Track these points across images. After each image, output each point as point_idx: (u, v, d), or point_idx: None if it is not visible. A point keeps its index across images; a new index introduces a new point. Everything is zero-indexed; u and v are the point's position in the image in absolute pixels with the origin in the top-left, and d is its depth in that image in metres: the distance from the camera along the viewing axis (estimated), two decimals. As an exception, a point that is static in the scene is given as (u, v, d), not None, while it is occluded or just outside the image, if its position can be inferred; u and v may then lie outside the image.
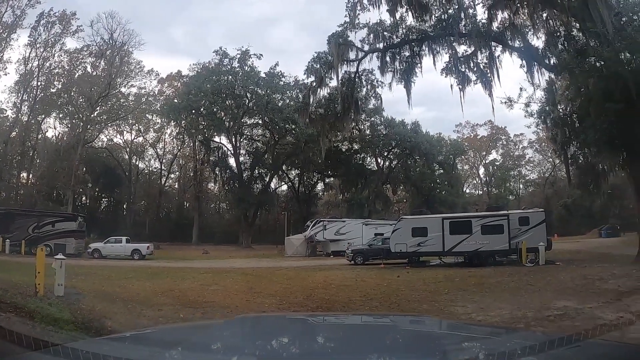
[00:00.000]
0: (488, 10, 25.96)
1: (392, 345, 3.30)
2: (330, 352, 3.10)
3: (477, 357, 2.86)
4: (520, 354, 2.62)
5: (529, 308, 11.32)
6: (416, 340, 3.54)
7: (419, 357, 3.00)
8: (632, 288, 13.83)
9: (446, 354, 2.93)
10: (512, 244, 25.09)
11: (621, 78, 17.65)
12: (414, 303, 12.54)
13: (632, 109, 18.53)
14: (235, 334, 3.66)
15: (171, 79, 68.55)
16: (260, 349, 3.12)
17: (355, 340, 3.51)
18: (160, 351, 2.87)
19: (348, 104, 28.68)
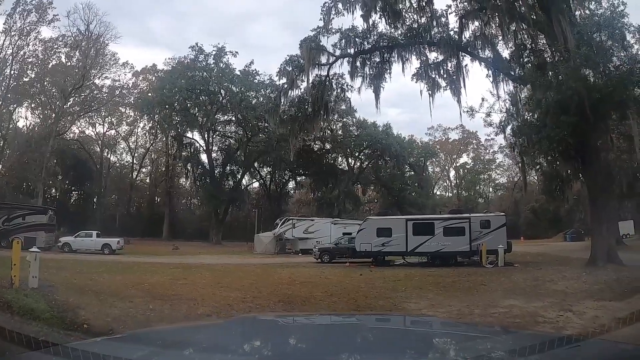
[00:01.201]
0: (460, 19, 26.74)
1: (393, 345, 3.30)
2: (330, 352, 3.07)
3: (477, 357, 2.86)
4: (520, 354, 2.64)
5: (477, 306, 12.18)
6: (416, 340, 3.57)
7: (419, 357, 3.06)
8: (577, 290, 14.84)
9: (446, 354, 3.08)
10: (473, 246, 26.19)
11: (576, 93, 18.75)
12: (371, 299, 13.28)
13: (586, 122, 19.68)
14: (235, 334, 3.72)
15: (146, 72, 67.96)
16: (260, 349, 3.17)
17: (356, 340, 3.55)
18: (160, 351, 2.90)
19: (318, 106, 29.29)
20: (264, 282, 17.00)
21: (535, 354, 2.59)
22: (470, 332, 4.04)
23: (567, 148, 21.39)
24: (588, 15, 22.82)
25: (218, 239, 56.97)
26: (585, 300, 12.73)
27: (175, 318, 9.44)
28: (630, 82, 18.56)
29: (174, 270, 20.22)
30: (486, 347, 3.06)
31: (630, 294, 13.35)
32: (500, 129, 25.68)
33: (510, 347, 2.91)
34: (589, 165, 21.83)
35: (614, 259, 21.02)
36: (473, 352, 2.99)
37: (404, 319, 5.71)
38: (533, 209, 71.57)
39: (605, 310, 11.11)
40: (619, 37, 20.62)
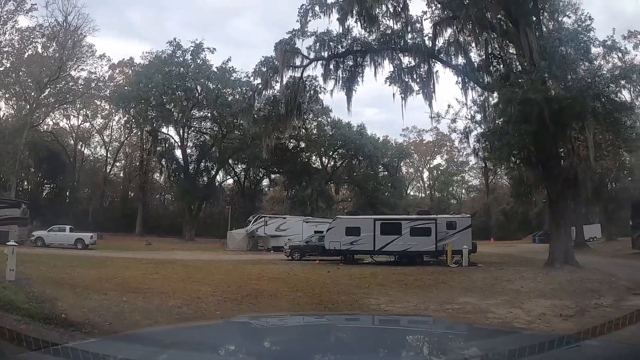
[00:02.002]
0: (434, 26, 27.38)
1: (393, 345, 3.33)
2: (330, 352, 3.08)
3: (477, 357, 2.91)
4: (520, 354, 2.63)
5: (433, 302, 12.96)
6: (416, 340, 3.59)
7: (419, 357, 3.09)
8: (531, 289, 15.68)
9: (446, 354, 3.08)
10: (439, 246, 27.11)
11: (537, 104, 19.72)
12: (334, 295, 13.97)
13: (546, 131, 20.71)
14: (235, 334, 3.74)
15: (123, 65, 67.44)
16: (260, 349, 3.14)
17: (355, 340, 3.55)
18: (160, 351, 2.91)
19: (291, 107, 29.70)
20: (234, 277, 17.59)
21: (535, 354, 2.59)
22: (470, 332, 4.09)
23: (529, 155, 22.46)
24: (556, 28, 23.86)
25: (191, 235, 57.03)
26: (536, 298, 13.55)
27: (147, 310, 9.91)
28: (588, 95, 19.48)
29: (147, 266, 20.64)
30: (486, 347, 3.02)
31: (579, 293, 14.38)
32: (464, 135, 26.57)
33: (510, 347, 2.84)
34: (549, 172, 22.82)
35: (570, 260, 22.07)
36: (473, 352, 3.05)
37: (404, 319, 5.66)
38: (504, 211, 73.02)
39: (552, 308, 11.90)
40: (584, 51, 21.67)
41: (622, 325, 4.01)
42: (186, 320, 9.22)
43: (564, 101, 19.61)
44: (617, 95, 21.72)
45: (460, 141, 28.70)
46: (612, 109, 20.91)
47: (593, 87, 19.72)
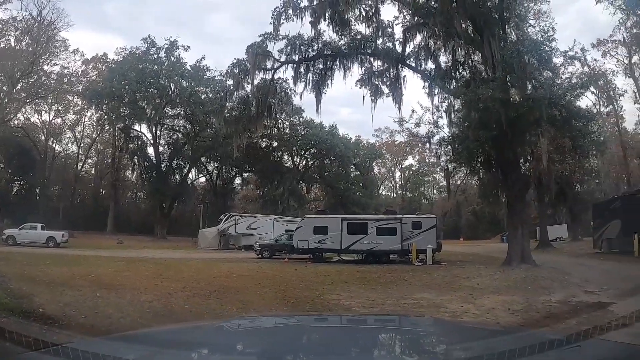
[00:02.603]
0: (404, 32, 28.09)
1: (393, 345, 3.38)
2: (330, 352, 3.09)
3: (477, 357, 2.88)
4: (520, 354, 2.64)
5: (391, 297, 13.74)
6: (416, 340, 3.60)
7: (419, 357, 3.10)
8: (486, 286, 16.48)
9: (446, 354, 3.11)
10: (405, 245, 27.92)
11: (495, 111, 20.74)
12: (298, 290, 14.67)
13: (504, 137, 21.79)
14: (235, 334, 3.77)
15: (96, 60, 66.40)
16: (259, 349, 3.16)
17: (356, 340, 3.55)
18: (160, 351, 2.93)
19: (262, 108, 30.30)
20: (204, 275, 18.12)
21: (535, 354, 2.61)
22: (470, 332, 4.11)
23: (489, 159, 23.56)
24: (521, 38, 24.83)
25: (163, 234, 56.99)
26: (489, 295, 14.29)
27: (120, 304, 10.44)
28: (544, 103, 20.39)
29: (119, 264, 20.94)
30: (486, 347, 2.99)
31: (530, 290, 15.28)
32: (427, 139, 27.54)
33: (510, 347, 2.83)
34: (507, 176, 23.84)
35: (527, 259, 23.06)
36: (473, 352, 3.05)
37: (404, 319, 5.64)
38: (474, 211, 74.61)
39: (502, 303, 12.61)
40: (545, 60, 22.76)
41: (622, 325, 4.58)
42: (156, 314, 9.75)
43: (520, 109, 20.63)
44: (575, 103, 22.90)
45: (423, 145, 29.65)
46: (568, 116, 22.05)
47: (549, 96, 20.61)
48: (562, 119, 21.97)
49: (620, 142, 54.12)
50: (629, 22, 31.27)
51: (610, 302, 12.09)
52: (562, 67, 24.12)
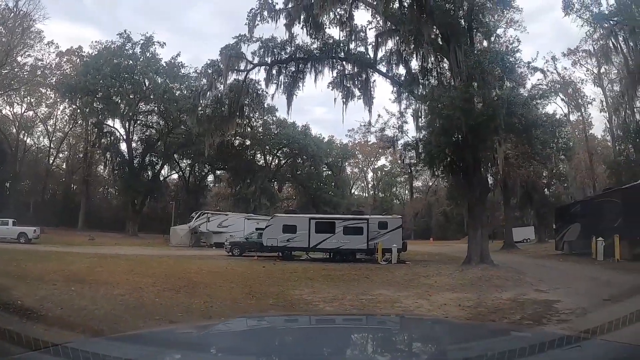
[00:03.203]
0: (376, 37, 28.79)
1: (393, 345, 3.36)
2: (330, 352, 3.11)
3: (477, 357, 2.87)
4: (520, 354, 2.64)
5: (351, 293, 14.36)
6: (416, 340, 3.60)
7: (419, 357, 3.12)
8: (443, 284, 17.29)
9: (446, 354, 3.06)
10: (371, 244, 28.84)
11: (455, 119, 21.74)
12: (264, 286, 15.35)
13: (465, 143, 22.88)
14: (235, 334, 3.76)
15: (71, 53, 65.48)
16: (260, 349, 3.13)
17: (355, 340, 3.58)
18: (160, 351, 2.93)
19: (234, 108, 30.92)
20: (174, 271, 18.67)
21: (535, 354, 2.62)
22: (470, 332, 4.13)
23: (451, 163, 24.63)
24: (487, 48, 25.81)
25: (134, 231, 56.89)
26: (444, 292, 15.00)
27: (94, 297, 10.94)
28: (501, 113, 21.36)
29: (91, 260, 21.30)
30: (486, 347, 3.00)
31: (484, 288, 15.90)
32: (391, 144, 28.48)
33: (510, 347, 2.83)
34: (469, 180, 24.88)
35: (485, 259, 23.98)
36: (473, 352, 3.05)
37: (404, 319, 5.65)
38: (444, 212, 75.90)
39: (455, 299, 13.26)
40: (509, 70, 23.85)
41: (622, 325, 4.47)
42: (128, 306, 10.25)
43: (480, 117, 21.65)
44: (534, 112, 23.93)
45: (388, 148, 30.50)
46: (527, 125, 23.16)
47: (507, 106, 21.59)
48: (522, 127, 23.12)
49: (587, 148, 56.00)
50: (596, 34, 32.47)
51: (557, 300, 12.69)
52: (526, 77, 25.37)
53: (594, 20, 30.31)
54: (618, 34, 30.62)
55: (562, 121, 50.67)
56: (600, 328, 3.75)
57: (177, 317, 9.27)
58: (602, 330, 3.72)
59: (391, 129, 28.42)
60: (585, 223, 30.30)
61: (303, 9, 28.09)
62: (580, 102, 57.57)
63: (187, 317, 9.38)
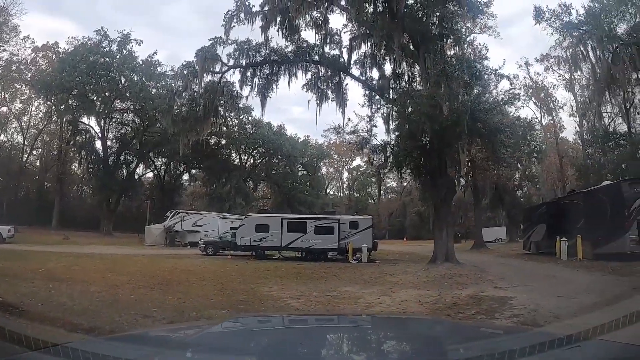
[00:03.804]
0: (350, 41, 29.47)
1: (392, 345, 3.38)
2: (329, 352, 3.14)
3: (477, 357, 2.87)
4: (520, 354, 2.64)
5: (318, 290, 14.99)
6: (416, 340, 3.58)
7: (419, 357, 3.07)
8: (407, 281, 18.00)
9: (446, 354, 3.07)
10: (342, 243, 29.56)
11: (421, 124, 22.66)
12: (236, 284, 15.97)
13: (431, 146, 23.84)
14: (235, 334, 3.77)
15: (47, 48, 64.79)
16: (260, 349, 3.13)
17: (355, 340, 3.58)
18: (160, 351, 2.94)
19: (209, 109, 31.33)
20: (149, 269, 19.14)
21: (535, 354, 2.62)
22: (470, 332, 4.15)
23: (418, 166, 25.57)
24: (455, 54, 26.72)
25: (109, 230, 56.86)
26: (407, 289, 15.63)
27: (72, 294, 11.37)
28: (464, 119, 22.29)
29: (67, 259, 21.56)
30: (486, 347, 3.01)
31: (446, 285, 16.61)
32: (359, 147, 29.32)
33: (510, 347, 2.85)
34: (434, 182, 25.82)
35: (450, 258, 24.95)
36: (473, 352, 3.05)
37: (404, 319, 5.70)
38: (418, 212, 76.43)
39: (416, 296, 13.84)
40: (476, 77, 24.76)
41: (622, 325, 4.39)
42: (105, 302, 10.67)
43: (445, 123, 22.57)
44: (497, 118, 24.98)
45: (357, 150, 31.30)
46: (490, 130, 24.17)
47: (470, 112, 22.51)
48: (486, 132, 24.13)
49: (557, 151, 57.55)
50: (566, 42, 33.59)
51: (513, 297, 13.35)
52: (493, 83, 26.39)
53: (563, 29, 31.28)
54: (587, 43, 31.71)
55: (532, 125, 52.62)
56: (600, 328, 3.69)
57: (151, 312, 9.75)
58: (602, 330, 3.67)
59: (361, 132, 29.12)
60: (551, 224, 31.17)
61: (279, 12, 28.60)
62: (552, 106, 59.18)
63: (161, 312, 9.83)
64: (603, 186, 27.04)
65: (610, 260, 21.04)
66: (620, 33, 31.92)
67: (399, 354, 3.16)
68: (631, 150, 42.30)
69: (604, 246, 23.22)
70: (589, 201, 26.40)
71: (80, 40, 59.53)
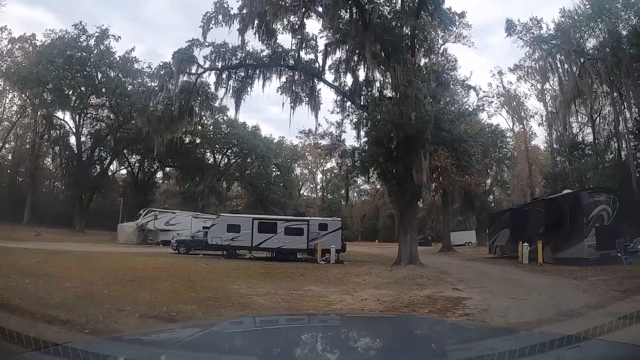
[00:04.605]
0: (325, 46, 30.21)
1: (392, 345, 3.34)
2: (330, 352, 3.13)
3: (477, 357, 2.88)
4: (521, 354, 2.65)
5: (284, 288, 15.62)
6: (416, 340, 3.61)
7: (419, 357, 3.05)
8: (370, 282, 18.78)
9: (446, 354, 3.06)
10: (311, 244, 30.30)
11: (387, 131, 23.58)
12: (205, 282, 16.56)
13: (396, 153, 24.83)
14: (235, 334, 3.76)
15: (24, 40, 63.86)
16: (260, 349, 3.14)
17: (356, 340, 3.59)
18: (160, 351, 2.94)
19: (184, 110, 31.87)
20: (122, 266, 19.53)
21: (535, 354, 2.63)
22: (470, 332, 4.18)
23: (384, 171, 26.52)
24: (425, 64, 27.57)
25: (81, 227, 56.65)
26: (369, 289, 16.33)
27: (48, 289, 11.80)
28: (428, 128, 23.31)
29: (41, 255, 21.66)
30: (486, 347, 3.03)
31: (406, 286, 17.35)
32: (328, 152, 30.15)
33: (510, 347, 2.87)
34: (400, 187, 26.83)
35: (414, 260, 25.97)
36: (473, 352, 3.06)
37: (404, 319, 5.72)
38: (391, 215, 76.96)
39: (377, 295, 14.51)
40: (443, 87, 25.72)
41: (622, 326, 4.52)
42: (80, 297, 11.12)
43: (410, 131, 23.53)
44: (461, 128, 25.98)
45: (326, 155, 32.10)
46: (453, 139, 25.23)
47: (434, 122, 23.56)
48: (450, 140, 25.18)
49: (527, 159, 59.14)
50: (536, 54, 34.72)
51: (468, 297, 14.07)
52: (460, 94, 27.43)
53: (534, 42, 32.43)
54: (556, 56, 32.91)
55: (504, 133, 54.09)
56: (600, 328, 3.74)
57: (124, 306, 10.28)
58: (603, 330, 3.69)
59: (331, 137, 29.98)
60: (514, 229, 32.40)
61: (257, 16, 29.12)
62: (523, 115, 60.83)
63: (134, 306, 10.37)
64: (564, 194, 28.18)
65: (569, 264, 22.23)
66: (589, 48, 33.21)
67: (399, 353, 3.05)
68: (595, 160, 43.86)
69: (564, 251, 24.35)
70: (550, 208, 27.55)
71: (58, 33, 59.37)
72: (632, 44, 29.87)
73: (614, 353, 2.93)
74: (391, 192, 29.34)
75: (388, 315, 8.56)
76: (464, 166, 27.22)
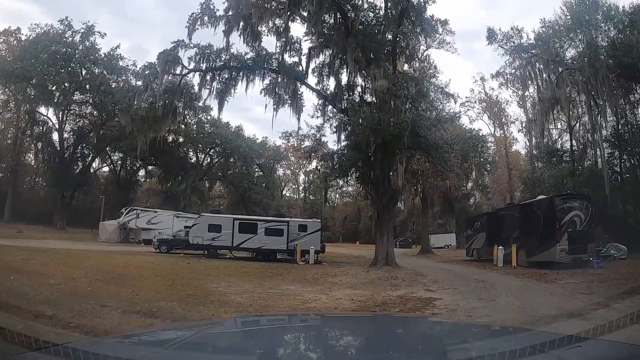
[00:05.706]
0: (309, 50, 30.70)
1: (392, 345, 3.31)
2: (330, 352, 3.13)
3: (477, 357, 2.87)
4: (521, 354, 2.64)
5: (262, 288, 16.15)
6: (416, 340, 3.60)
7: (419, 357, 3.08)
8: (346, 282, 19.38)
9: (446, 354, 3.05)
10: (291, 245, 30.80)
11: (365, 136, 24.26)
12: (185, 279, 17.06)
13: (374, 157, 25.53)
14: (235, 334, 3.77)
15: (8, 34, 63.53)
16: (260, 349, 3.14)
17: (355, 340, 3.61)
18: (160, 351, 2.95)
19: (167, 110, 32.22)
20: (104, 265, 19.78)
21: (535, 354, 2.63)
22: (470, 332, 4.19)
23: (362, 175, 27.19)
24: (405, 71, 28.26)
25: (63, 225, 56.16)
26: (344, 289, 16.88)
27: (33, 285, 12.12)
28: (404, 134, 23.93)
29: (23, 252, 21.82)
30: (486, 347, 3.02)
31: (381, 286, 17.96)
32: (308, 155, 30.74)
33: (510, 347, 2.86)
34: (378, 190, 27.52)
35: (390, 262, 26.67)
36: (473, 352, 3.07)
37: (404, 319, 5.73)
38: (372, 217, 78.17)
39: (351, 295, 15.06)
40: (422, 94, 26.40)
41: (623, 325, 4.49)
42: (64, 293, 11.50)
43: (387, 137, 24.23)
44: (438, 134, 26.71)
45: (306, 159, 32.61)
46: (428, 145, 25.96)
47: (411, 128, 24.19)
48: (426, 146, 25.92)
49: (507, 164, 60.13)
50: (516, 62, 35.40)
51: (439, 298, 14.62)
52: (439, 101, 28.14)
53: (514, 51, 33.12)
54: (535, 65, 33.66)
55: (485, 138, 54.98)
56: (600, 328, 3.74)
57: (107, 302, 10.68)
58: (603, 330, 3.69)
59: (311, 140, 30.51)
60: (490, 232, 33.07)
61: (242, 18, 29.54)
62: (504, 121, 61.83)
63: (116, 302, 10.79)
64: (538, 200, 28.89)
65: (542, 268, 22.98)
66: (569, 58, 34.04)
67: (398, 353, 3.09)
68: (572, 167, 44.86)
69: (537, 255, 25.13)
70: (525, 213, 28.31)
71: (44, 28, 58.83)
72: (609, 55, 30.64)
73: (614, 353, 2.94)
74: (369, 195, 29.98)
75: (388, 315, 8.66)
76: (440, 171, 27.90)
